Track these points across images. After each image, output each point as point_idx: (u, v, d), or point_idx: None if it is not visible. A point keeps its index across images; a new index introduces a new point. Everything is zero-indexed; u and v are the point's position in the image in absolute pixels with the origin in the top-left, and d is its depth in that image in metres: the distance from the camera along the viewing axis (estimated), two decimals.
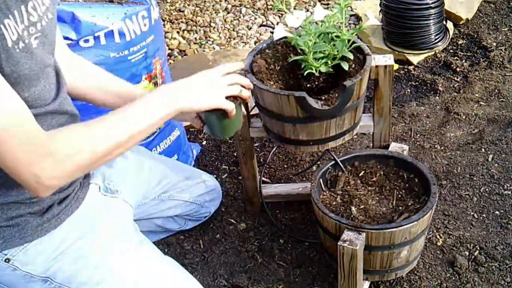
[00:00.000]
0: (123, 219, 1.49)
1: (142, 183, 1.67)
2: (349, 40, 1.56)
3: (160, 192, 1.75)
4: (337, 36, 1.56)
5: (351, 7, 3.20)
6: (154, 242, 1.55)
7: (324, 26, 1.56)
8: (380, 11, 2.83)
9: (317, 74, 1.57)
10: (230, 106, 1.33)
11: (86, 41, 1.70)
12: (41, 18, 1.22)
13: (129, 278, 1.37)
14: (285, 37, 1.60)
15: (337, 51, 1.55)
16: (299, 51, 1.59)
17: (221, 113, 1.35)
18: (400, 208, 1.65)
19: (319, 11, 1.52)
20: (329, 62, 1.57)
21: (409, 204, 1.66)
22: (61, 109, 1.31)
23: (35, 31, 1.19)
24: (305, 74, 1.56)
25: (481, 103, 2.46)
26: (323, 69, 1.56)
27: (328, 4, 3.33)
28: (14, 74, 1.12)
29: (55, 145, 1.13)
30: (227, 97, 1.33)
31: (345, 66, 1.56)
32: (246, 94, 1.37)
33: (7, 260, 1.30)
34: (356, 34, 1.68)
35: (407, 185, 1.72)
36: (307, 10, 3.25)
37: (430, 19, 2.67)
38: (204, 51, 3.02)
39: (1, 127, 1.05)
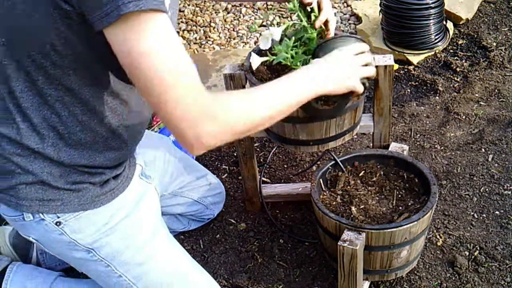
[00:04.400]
0: (157, 206, 1.53)
1: (166, 175, 1.72)
2: (319, 34, 1.55)
3: (176, 188, 1.79)
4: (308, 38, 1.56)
5: (351, 7, 3.20)
6: None
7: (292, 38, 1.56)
8: (380, 11, 2.83)
9: None
10: (362, 89, 1.37)
11: None
12: None
13: (166, 266, 1.44)
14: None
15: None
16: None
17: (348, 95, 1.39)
18: (400, 208, 1.65)
19: (276, 31, 1.52)
20: None
21: (409, 204, 1.66)
22: None
23: None
24: None
25: (481, 103, 2.46)
26: None
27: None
28: None
29: (219, 109, 1.11)
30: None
31: None
32: (375, 73, 1.43)
33: (58, 223, 1.32)
34: (355, 33, 1.67)
35: (407, 185, 1.72)
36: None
37: (430, 19, 2.67)
38: (204, 51, 3.02)
39: (174, 70, 1.04)
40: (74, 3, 1.04)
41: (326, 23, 1.55)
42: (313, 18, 1.55)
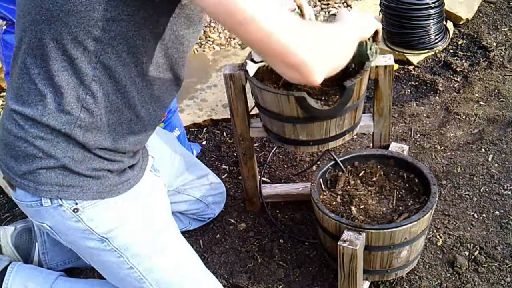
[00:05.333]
0: (167, 200, 1.55)
1: (172, 170, 1.74)
2: None
3: (179, 185, 1.80)
4: None
5: (351, 7, 3.20)
6: None
7: None
8: (380, 11, 2.83)
9: None
10: (380, 26, 1.56)
11: None
12: None
13: (175, 261, 1.46)
14: None
15: None
16: None
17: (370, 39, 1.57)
18: (400, 208, 1.65)
19: (250, 66, 1.57)
20: None
21: (409, 204, 1.66)
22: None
23: None
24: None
25: (481, 103, 2.46)
26: None
27: (328, 4, 3.33)
28: None
29: (317, 45, 1.15)
30: None
31: None
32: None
33: (75, 210, 1.32)
34: None
35: (407, 185, 1.72)
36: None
37: (430, 19, 2.67)
38: (204, 51, 3.02)
39: (282, 20, 1.09)
40: None
41: None
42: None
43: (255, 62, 1.59)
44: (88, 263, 1.50)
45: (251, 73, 1.60)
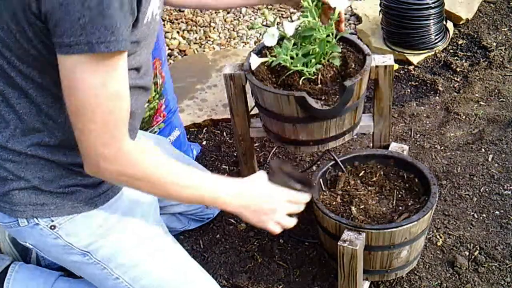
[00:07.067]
0: (152, 207, 1.53)
1: None
2: (332, 34, 1.56)
3: None
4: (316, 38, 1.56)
5: (351, 7, 3.20)
6: None
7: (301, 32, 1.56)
8: (380, 11, 2.83)
9: (313, 77, 1.57)
10: (276, 231, 1.39)
11: None
12: None
13: (163, 266, 1.42)
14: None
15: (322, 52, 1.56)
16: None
17: None
18: (400, 208, 1.65)
19: (288, 26, 1.52)
20: (322, 61, 1.57)
21: (409, 204, 1.66)
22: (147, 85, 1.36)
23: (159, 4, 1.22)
24: (300, 82, 1.56)
25: (481, 103, 2.46)
26: (313, 69, 1.56)
27: None
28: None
29: (132, 164, 1.17)
30: None
31: (336, 62, 1.57)
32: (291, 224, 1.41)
33: (52, 227, 1.32)
34: (355, 33, 1.68)
35: (407, 185, 1.72)
36: (292, 20, 3.25)
37: (430, 19, 2.67)
38: (204, 51, 3.01)
39: (114, 90, 1.07)
40: (45, 20, 1.04)
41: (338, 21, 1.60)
42: (333, 19, 1.56)
43: (261, 56, 1.58)
44: (78, 275, 1.49)
45: (253, 66, 1.59)
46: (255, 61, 1.58)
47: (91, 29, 0.99)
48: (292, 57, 1.54)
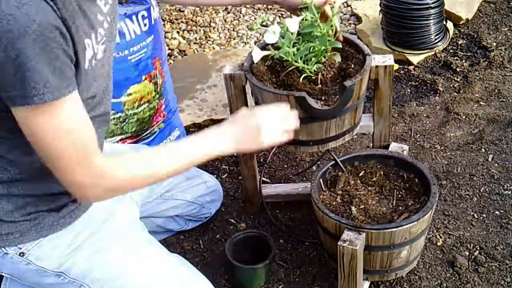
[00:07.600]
0: (132, 217, 1.52)
1: None
2: (332, 31, 1.56)
3: (163, 191, 1.76)
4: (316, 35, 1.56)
5: (351, 7, 3.20)
6: None
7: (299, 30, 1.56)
8: (380, 11, 2.83)
9: (313, 75, 1.57)
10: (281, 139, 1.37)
11: None
12: (103, 20, 1.25)
13: (142, 276, 1.40)
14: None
15: (323, 48, 1.56)
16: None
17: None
18: (400, 208, 1.65)
19: (291, 22, 1.52)
20: (322, 58, 1.57)
21: (409, 204, 1.66)
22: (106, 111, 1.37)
23: (100, 38, 1.22)
24: (301, 80, 1.55)
25: (481, 103, 2.46)
26: (313, 67, 1.56)
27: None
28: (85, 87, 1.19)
29: (109, 177, 1.18)
30: None
31: (337, 58, 1.57)
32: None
33: (21, 254, 1.32)
34: (355, 33, 1.68)
35: (407, 185, 1.72)
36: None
37: (430, 19, 2.67)
38: (204, 51, 3.02)
39: (68, 128, 1.10)
40: None
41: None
42: (334, 28, 1.57)
43: (263, 50, 1.58)
44: None
45: (256, 59, 1.59)
46: (258, 54, 1.57)
47: (24, 83, 1.03)
48: (293, 52, 1.54)
